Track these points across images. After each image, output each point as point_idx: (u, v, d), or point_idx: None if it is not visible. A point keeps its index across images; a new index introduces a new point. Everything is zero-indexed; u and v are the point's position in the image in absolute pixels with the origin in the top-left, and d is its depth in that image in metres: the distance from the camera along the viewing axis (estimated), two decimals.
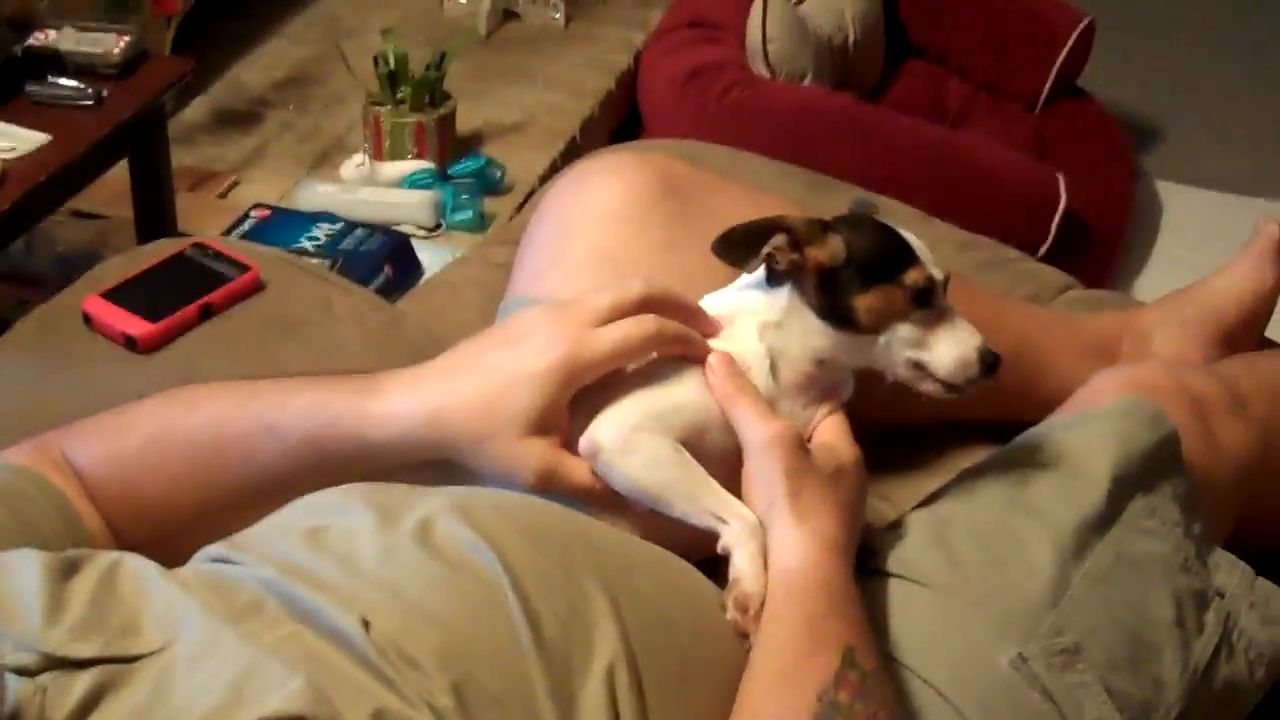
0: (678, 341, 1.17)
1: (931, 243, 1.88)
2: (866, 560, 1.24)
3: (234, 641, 0.94)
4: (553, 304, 1.19)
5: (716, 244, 1.16)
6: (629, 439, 1.14)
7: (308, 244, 2.39)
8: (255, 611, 0.98)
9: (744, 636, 1.09)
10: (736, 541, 1.12)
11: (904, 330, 1.17)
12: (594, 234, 1.42)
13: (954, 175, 2.73)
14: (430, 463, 1.15)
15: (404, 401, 1.14)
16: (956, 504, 1.31)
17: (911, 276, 1.16)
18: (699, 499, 1.14)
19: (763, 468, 1.13)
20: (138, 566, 1.02)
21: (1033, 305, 1.77)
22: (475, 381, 1.14)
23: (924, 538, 1.26)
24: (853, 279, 1.16)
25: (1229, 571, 1.30)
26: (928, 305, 1.17)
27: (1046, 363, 1.59)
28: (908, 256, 1.17)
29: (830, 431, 1.19)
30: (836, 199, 2.01)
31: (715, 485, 1.14)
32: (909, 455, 1.59)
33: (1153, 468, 1.29)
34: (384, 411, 1.14)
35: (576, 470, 1.14)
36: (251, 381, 1.21)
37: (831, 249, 1.16)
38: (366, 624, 0.96)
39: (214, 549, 1.08)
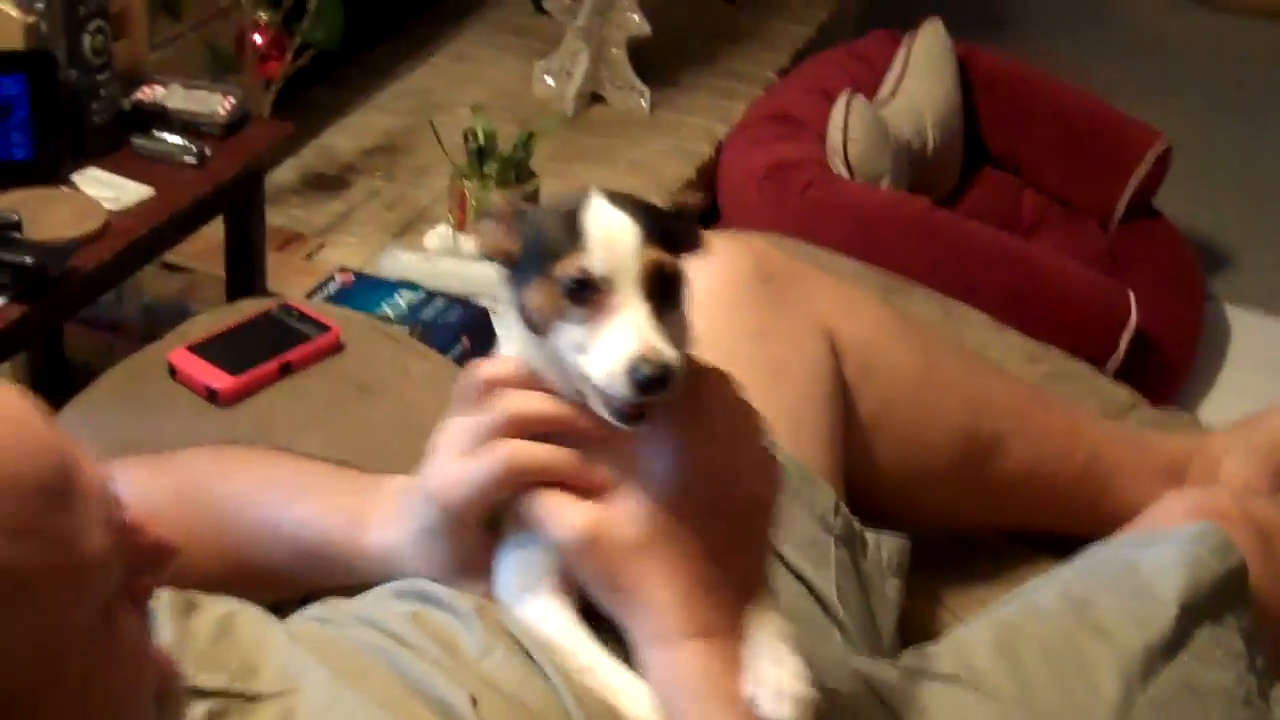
0: (541, 470, 1.03)
1: (1002, 352, 1.95)
2: (930, 663, 1.26)
3: (357, 699, 0.95)
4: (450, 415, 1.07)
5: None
6: (515, 607, 1.06)
7: (389, 310, 2.39)
8: (369, 673, 1.00)
9: None
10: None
11: (568, 331, 0.98)
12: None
13: (1025, 284, 2.67)
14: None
15: (388, 535, 1.10)
16: (1023, 615, 1.30)
17: (560, 267, 0.97)
18: (588, 677, 1.03)
19: (581, 574, 1.02)
20: (256, 614, 1.04)
21: (1106, 420, 1.78)
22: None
23: (990, 646, 1.26)
24: (525, 271, 1.00)
25: None
26: (585, 303, 0.97)
27: (1116, 480, 1.60)
28: (570, 243, 0.98)
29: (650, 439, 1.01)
30: (910, 301, 2.06)
31: (599, 661, 1.03)
32: (968, 565, 1.62)
33: (1221, 598, 1.29)
34: (370, 545, 1.11)
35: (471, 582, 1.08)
36: (277, 461, 1.20)
37: (514, 237, 1.01)
38: (475, 701, 0.98)
39: (315, 609, 1.11)
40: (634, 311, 0.97)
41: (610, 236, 0.98)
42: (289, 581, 1.14)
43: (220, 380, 1.62)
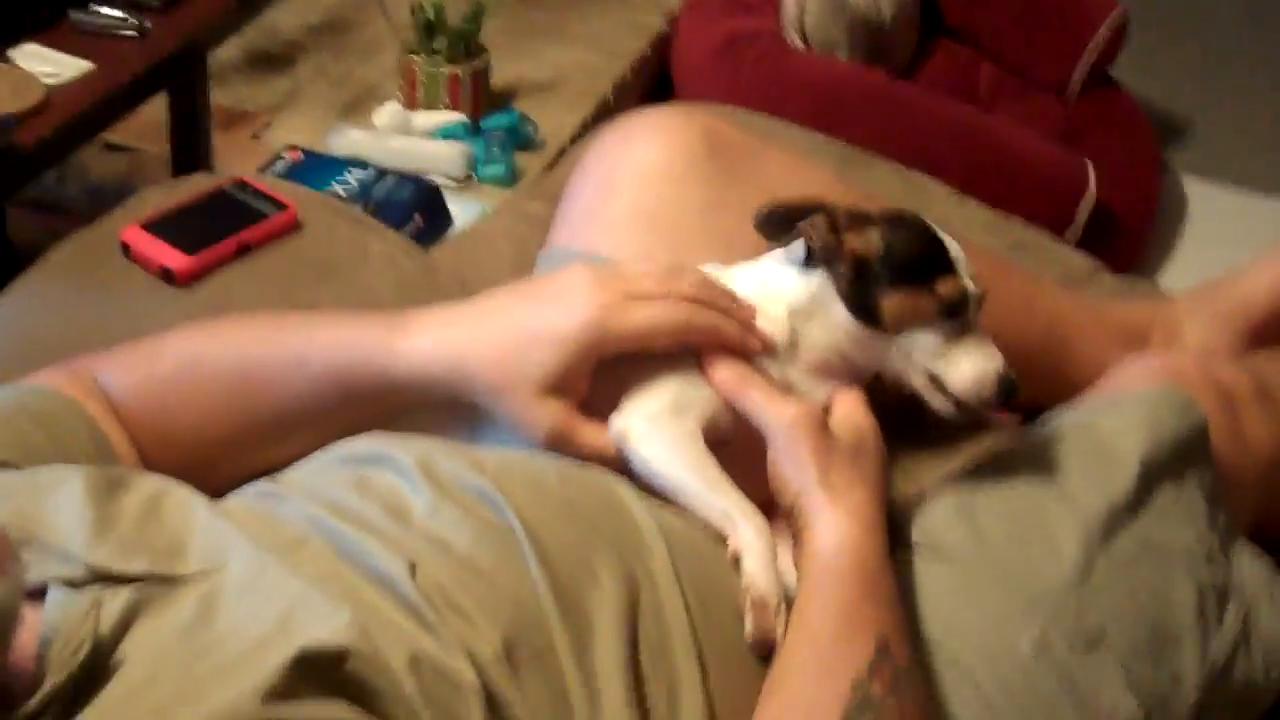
0: (709, 334, 1.16)
1: (963, 223, 1.92)
2: (891, 533, 1.23)
3: (281, 573, 0.95)
4: (594, 267, 1.18)
5: (757, 217, 1.17)
6: (650, 429, 1.14)
7: (339, 188, 2.36)
8: (301, 546, 0.99)
9: (766, 643, 1.08)
10: (746, 546, 1.11)
11: (925, 338, 1.16)
12: (636, 191, 1.41)
13: (983, 157, 2.69)
14: (453, 404, 1.16)
15: (429, 341, 1.15)
16: (984, 481, 1.30)
17: (945, 286, 1.15)
18: (711, 496, 1.13)
19: (788, 451, 1.12)
20: (184, 495, 1.03)
21: (1065, 289, 1.77)
22: (501, 333, 1.14)
23: (951, 513, 1.26)
24: (884, 275, 1.15)
25: (1250, 565, 1.30)
26: (955, 317, 1.15)
27: (1077, 347, 1.59)
28: (944, 264, 1.16)
29: (846, 404, 1.18)
30: (870, 173, 2.04)
31: (728, 485, 1.14)
32: (931, 434, 1.52)
33: (1182, 456, 1.29)
34: (409, 349, 1.15)
35: (587, 434, 1.14)
36: (279, 314, 1.23)
37: (869, 240, 1.15)
38: (413, 568, 0.97)
39: (261, 484, 1.10)
40: (986, 335, 1.17)
41: (966, 264, 1.17)
42: (319, 417, 1.16)
43: (176, 260, 1.58)
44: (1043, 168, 2.74)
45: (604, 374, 1.15)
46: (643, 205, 1.40)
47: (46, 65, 2.03)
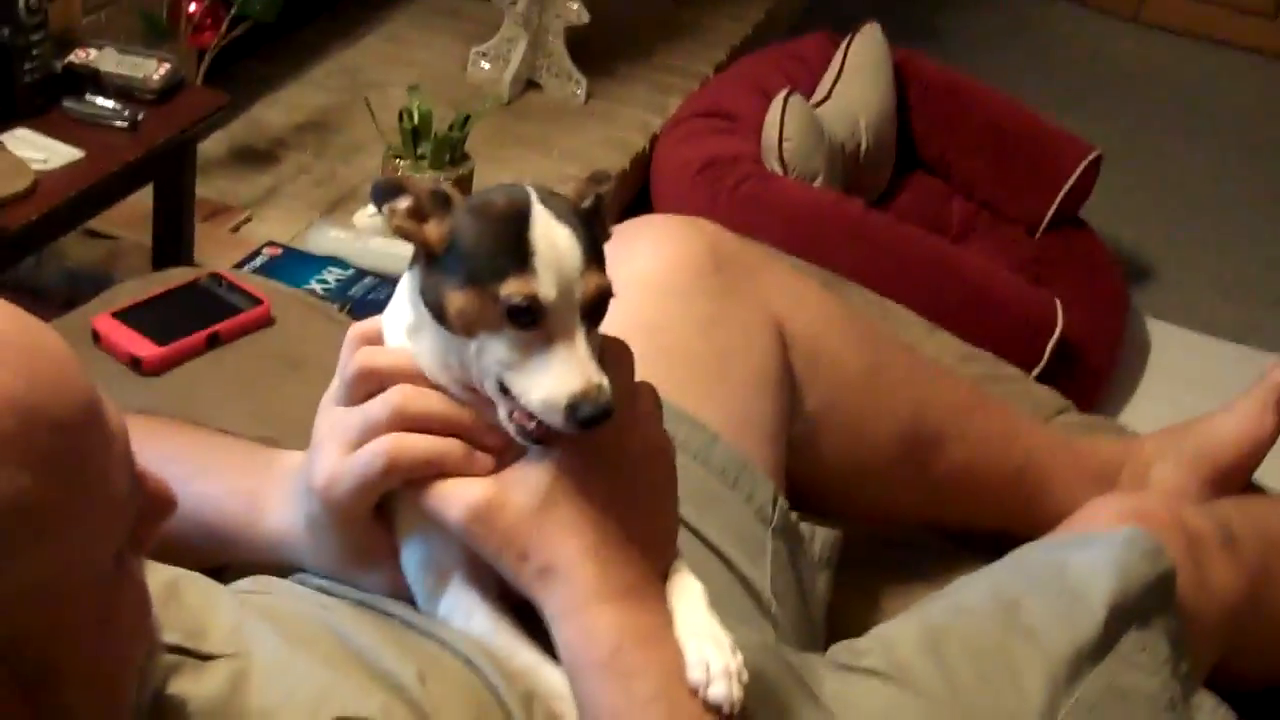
0: (423, 468, 1.00)
1: (935, 352, 1.94)
2: (858, 658, 1.24)
3: (310, 662, 0.94)
4: (326, 414, 1.04)
5: (373, 186, 1.00)
6: (448, 609, 1.03)
7: (317, 286, 2.37)
8: (318, 640, 0.98)
9: None
10: (560, 697, 1.00)
11: (496, 345, 0.95)
12: (636, 302, 1.31)
13: (954, 289, 2.71)
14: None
15: (284, 519, 1.08)
16: (952, 614, 1.30)
17: (507, 288, 0.94)
18: (511, 661, 1.01)
19: (484, 554, 0.99)
20: (204, 581, 1.02)
21: (1041, 424, 1.78)
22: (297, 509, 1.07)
23: (918, 644, 1.25)
24: (452, 270, 0.95)
25: (1211, 714, 1.31)
26: (526, 326, 0.94)
27: (1050, 482, 1.60)
28: (516, 262, 0.94)
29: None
30: (850, 301, 2.04)
31: (519, 644, 1.01)
32: (900, 561, 1.60)
33: (1149, 602, 1.29)
34: (269, 532, 1.08)
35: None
36: (182, 434, 1.16)
37: (441, 230, 0.96)
38: (423, 678, 0.97)
39: (245, 583, 1.09)
40: (578, 344, 0.95)
41: (558, 260, 0.95)
42: (193, 553, 1.09)
43: (145, 349, 1.59)
44: (1012, 303, 2.77)
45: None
46: (642, 318, 1.29)
47: (37, 151, 2.05)
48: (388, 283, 2.41)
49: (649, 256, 1.39)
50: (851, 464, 1.49)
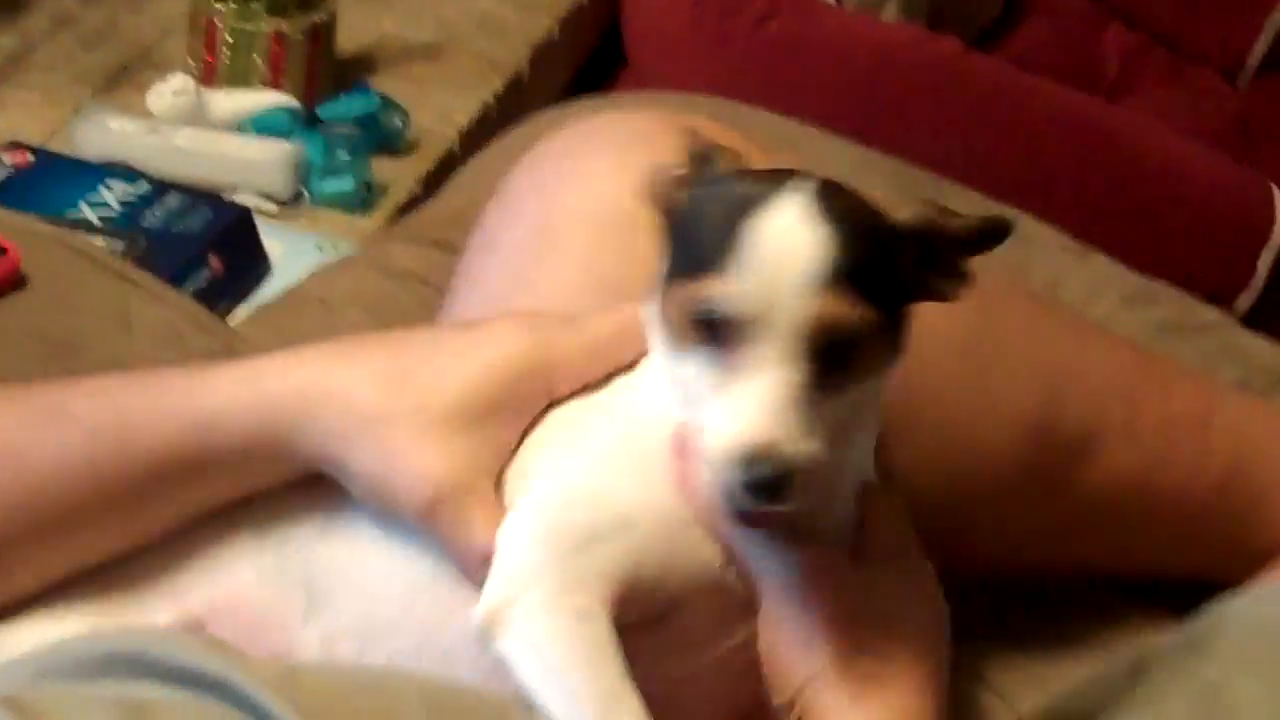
0: None
1: (1084, 289, 1.80)
2: None
3: None
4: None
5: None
6: (547, 622, 0.87)
7: (91, 213, 1.98)
8: None
9: None
10: None
11: (700, 361, 0.84)
12: (589, 242, 1.20)
13: (1113, 177, 2.33)
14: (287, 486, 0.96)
15: (250, 374, 1.00)
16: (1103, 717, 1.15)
17: (694, 288, 0.82)
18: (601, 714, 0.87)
19: (797, 618, 0.92)
20: None
21: (1257, 404, 1.51)
22: (379, 360, 0.97)
23: None
24: (673, 263, 0.87)
25: None
26: (713, 341, 0.83)
27: (1271, 496, 1.39)
28: (720, 256, 0.82)
29: (882, 507, 0.98)
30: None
31: (631, 698, 0.86)
32: (1038, 623, 1.43)
33: None
34: (213, 388, 0.98)
35: (480, 522, 0.90)
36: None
37: (679, 197, 0.89)
38: None
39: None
40: (770, 379, 0.82)
41: (776, 265, 0.83)
42: (91, 506, 0.96)
43: None
44: (1205, 193, 2.39)
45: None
46: (598, 264, 1.17)
47: None
48: (205, 202, 1.99)
49: (603, 173, 1.22)
50: (951, 483, 1.30)
